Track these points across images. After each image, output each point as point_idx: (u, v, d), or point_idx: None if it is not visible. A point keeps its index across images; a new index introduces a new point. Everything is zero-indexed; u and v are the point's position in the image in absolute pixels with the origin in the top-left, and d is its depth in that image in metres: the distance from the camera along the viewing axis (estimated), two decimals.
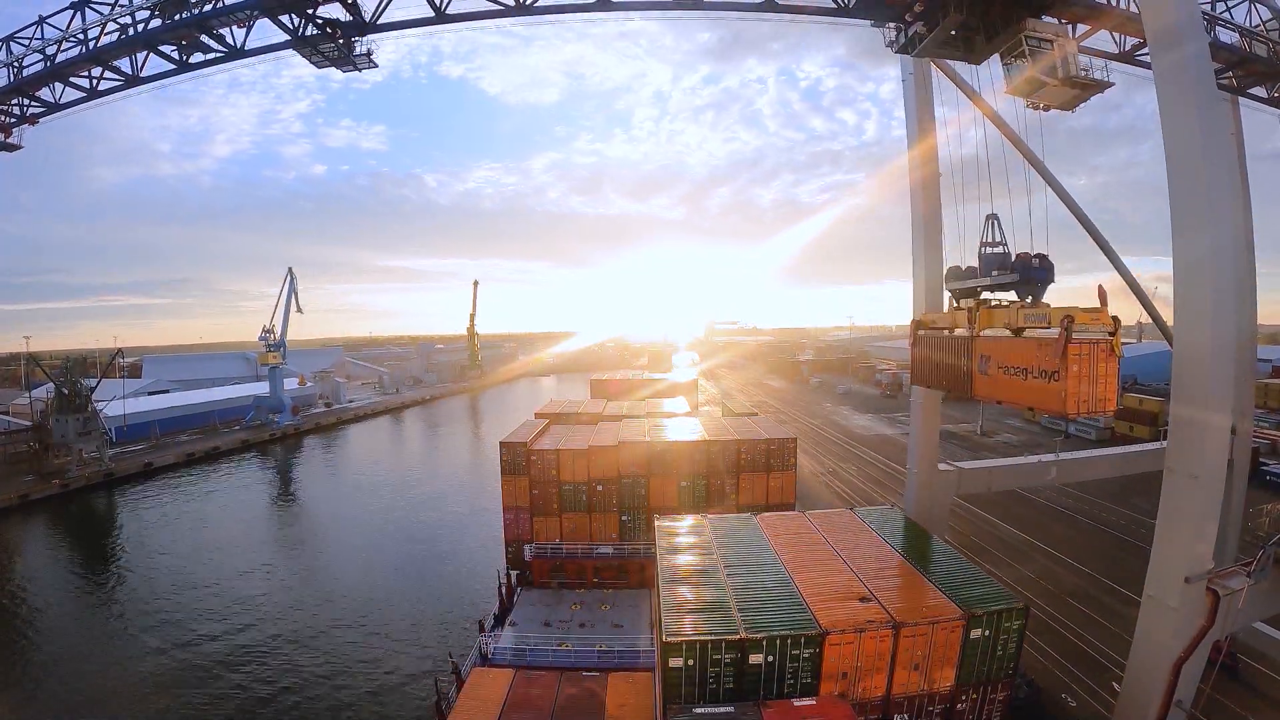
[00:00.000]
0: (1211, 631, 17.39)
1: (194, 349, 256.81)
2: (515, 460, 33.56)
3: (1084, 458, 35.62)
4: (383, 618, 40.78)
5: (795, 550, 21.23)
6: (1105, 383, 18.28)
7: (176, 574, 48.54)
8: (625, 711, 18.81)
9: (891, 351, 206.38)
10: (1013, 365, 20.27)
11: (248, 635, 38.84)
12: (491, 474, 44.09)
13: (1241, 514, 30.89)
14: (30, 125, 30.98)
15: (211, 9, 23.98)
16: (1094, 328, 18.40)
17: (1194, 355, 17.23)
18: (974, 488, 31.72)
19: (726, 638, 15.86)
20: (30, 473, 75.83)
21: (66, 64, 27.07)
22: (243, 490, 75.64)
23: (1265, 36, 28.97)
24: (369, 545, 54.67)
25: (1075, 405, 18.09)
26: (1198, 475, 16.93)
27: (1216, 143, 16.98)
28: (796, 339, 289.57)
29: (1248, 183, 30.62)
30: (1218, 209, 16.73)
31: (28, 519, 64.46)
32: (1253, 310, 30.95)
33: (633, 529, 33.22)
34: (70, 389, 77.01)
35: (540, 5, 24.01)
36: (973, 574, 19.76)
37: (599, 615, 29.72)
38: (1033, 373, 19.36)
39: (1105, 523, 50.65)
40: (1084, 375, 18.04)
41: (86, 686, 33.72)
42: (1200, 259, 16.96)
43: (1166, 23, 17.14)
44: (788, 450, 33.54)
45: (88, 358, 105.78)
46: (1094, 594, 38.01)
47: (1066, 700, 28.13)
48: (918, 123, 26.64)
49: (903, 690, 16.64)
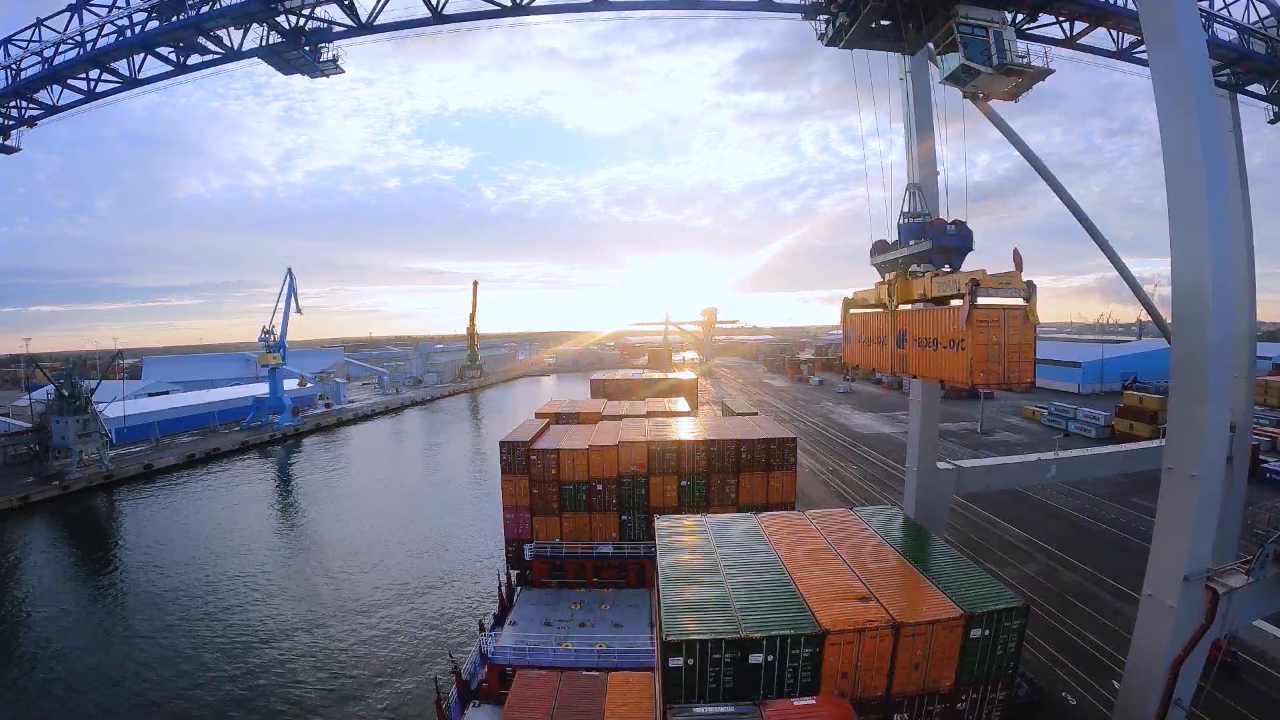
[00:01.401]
0: (1211, 630, 17.36)
1: (198, 349, 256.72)
2: (515, 460, 33.58)
3: (1084, 456, 35.55)
4: (382, 617, 40.81)
5: (795, 550, 21.21)
6: (1019, 351, 17.17)
7: (176, 575, 48.51)
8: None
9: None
10: (927, 337, 19.37)
11: (247, 634, 38.86)
12: (491, 473, 44.07)
13: (1241, 512, 30.90)
14: (29, 127, 30.92)
15: (209, 11, 23.99)
16: (1005, 292, 17.34)
17: (1193, 353, 17.19)
18: (973, 486, 31.67)
19: (726, 637, 15.84)
20: (30, 474, 75.87)
21: (64, 66, 27.04)
22: (242, 491, 75.60)
23: (1263, 33, 28.96)
24: (368, 545, 54.69)
25: (982, 376, 17.24)
26: (1197, 473, 16.89)
27: (1215, 140, 16.94)
28: (797, 338, 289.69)
29: (1246, 179, 30.61)
30: (1216, 206, 16.70)
31: (27, 521, 64.44)
32: (1251, 307, 30.91)
33: (633, 528, 33.23)
34: (70, 391, 77.03)
35: (537, 5, 24.00)
36: (973, 573, 19.73)
37: (599, 615, 29.73)
38: (943, 343, 18.46)
39: (1105, 521, 50.67)
40: (992, 343, 17.05)
41: (86, 687, 33.75)
42: (1199, 256, 16.92)
43: (1164, 20, 17.13)
44: (788, 449, 33.56)
45: (88, 359, 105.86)
46: (1094, 593, 38.04)
47: (1066, 699, 28.14)
48: (915, 122, 26.61)
49: (903, 690, 16.63)
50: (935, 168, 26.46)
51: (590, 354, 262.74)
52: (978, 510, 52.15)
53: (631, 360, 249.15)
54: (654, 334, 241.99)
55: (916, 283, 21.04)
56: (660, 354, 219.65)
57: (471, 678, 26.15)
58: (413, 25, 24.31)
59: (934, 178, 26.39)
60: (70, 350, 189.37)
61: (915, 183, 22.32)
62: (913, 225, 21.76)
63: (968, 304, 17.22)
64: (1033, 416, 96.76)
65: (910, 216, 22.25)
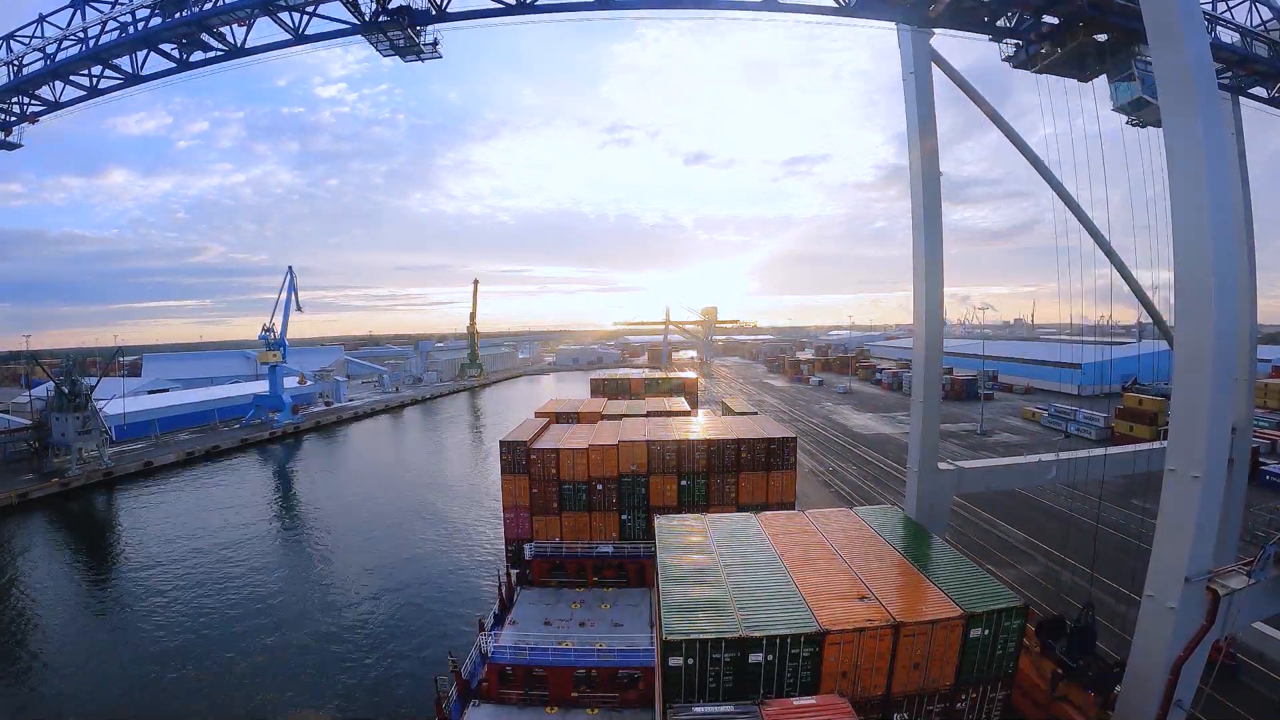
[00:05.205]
0: (1211, 631, 17.37)
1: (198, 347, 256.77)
2: (515, 459, 33.58)
3: (1084, 457, 35.47)
4: (384, 618, 40.82)
5: (795, 549, 21.22)
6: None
7: (176, 574, 48.53)
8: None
9: (892, 350, 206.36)
10: None
11: (248, 634, 38.87)
12: (491, 472, 44.04)
13: (1241, 514, 30.89)
14: (30, 124, 30.91)
15: (212, 7, 23.94)
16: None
17: (1194, 355, 17.18)
18: (974, 487, 31.67)
19: (726, 637, 15.85)
20: (30, 471, 75.87)
21: (67, 62, 27.00)
22: (242, 489, 75.65)
23: (1266, 36, 28.94)
24: (369, 545, 54.68)
25: None
26: (1198, 475, 16.89)
27: (1217, 142, 16.94)
28: (797, 338, 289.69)
29: (1248, 182, 30.59)
30: (1218, 208, 16.70)
31: (27, 518, 64.45)
32: (1253, 310, 30.90)
33: (632, 528, 33.24)
34: (70, 387, 77.02)
35: (540, 4, 23.94)
36: (973, 573, 19.75)
37: (599, 614, 29.74)
38: None
39: (1105, 522, 50.60)
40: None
41: (86, 685, 33.75)
42: (1201, 258, 16.92)
43: (1168, 22, 17.12)
44: (788, 449, 33.58)
45: (88, 356, 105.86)
46: (1094, 593, 37.97)
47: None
48: (919, 122, 26.58)
49: (902, 689, 16.65)
50: (938, 169, 26.47)
51: (590, 353, 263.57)
52: (978, 511, 52.16)
53: (632, 360, 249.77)
54: (654, 333, 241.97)
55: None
56: (660, 353, 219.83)
57: (471, 677, 26.14)
58: (485, 15, 23.26)
59: (936, 178, 26.39)
60: (71, 347, 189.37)
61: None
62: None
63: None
64: (1033, 418, 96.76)
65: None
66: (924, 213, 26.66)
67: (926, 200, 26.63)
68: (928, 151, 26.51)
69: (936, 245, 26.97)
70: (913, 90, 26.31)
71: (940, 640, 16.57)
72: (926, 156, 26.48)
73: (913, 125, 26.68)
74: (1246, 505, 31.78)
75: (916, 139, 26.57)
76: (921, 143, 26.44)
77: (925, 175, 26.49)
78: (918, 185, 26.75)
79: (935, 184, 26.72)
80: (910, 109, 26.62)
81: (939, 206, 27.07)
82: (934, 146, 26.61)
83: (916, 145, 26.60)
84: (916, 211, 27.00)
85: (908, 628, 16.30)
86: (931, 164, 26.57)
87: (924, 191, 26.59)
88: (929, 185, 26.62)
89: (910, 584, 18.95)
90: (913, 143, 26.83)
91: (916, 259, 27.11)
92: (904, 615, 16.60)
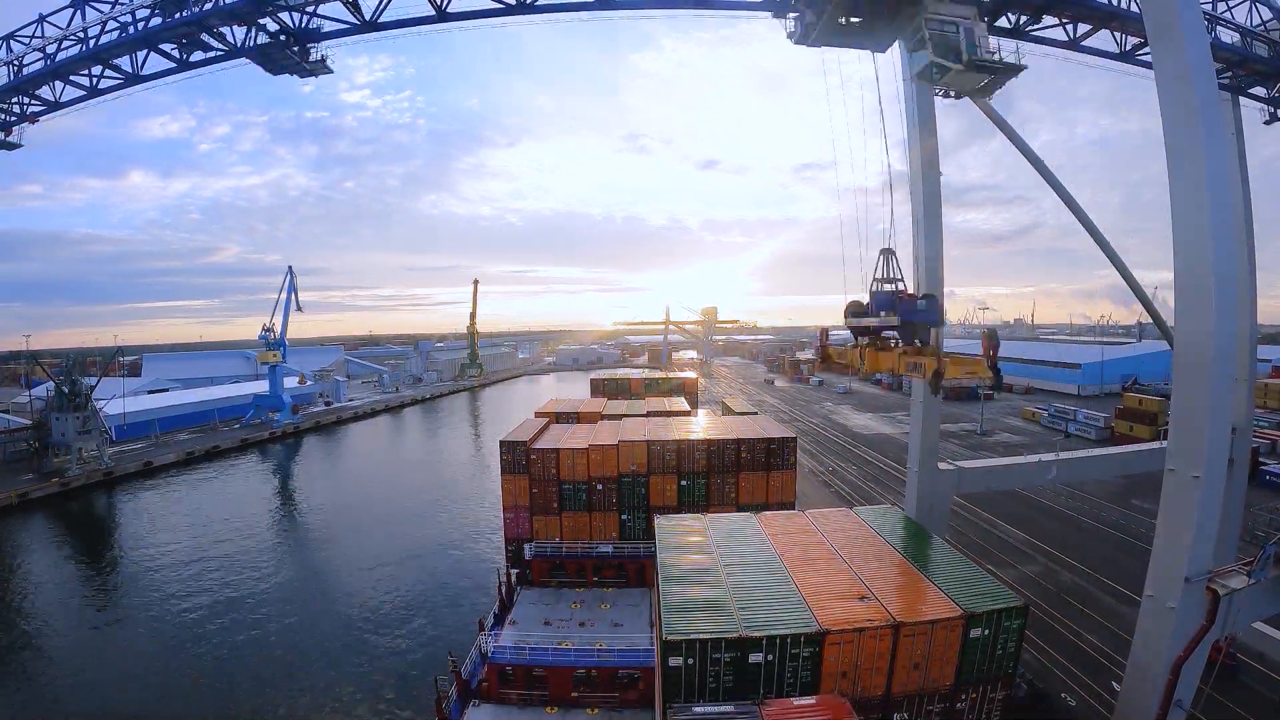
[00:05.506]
0: (1211, 631, 17.38)
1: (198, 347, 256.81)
2: (515, 459, 33.55)
3: (1084, 457, 35.49)
4: (384, 619, 40.82)
5: (795, 549, 21.21)
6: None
7: (176, 574, 48.53)
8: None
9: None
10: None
11: (247, 634, 38.87)
12: (490, 470, 44.04)
13: (1241, 514, 30.89)
14: (30, 124, 30.93)
15: (212, 7, 23.97)
16: (970, 381, 17.98)
17: (1194, 355, 17.19)
18: (974, 487, 31.69)
19: (726, 637, 15.84)
20: (30, 471, 75.86)
21: (67, 62, 27.03)
22: (242, 489, 75.66)
23: (1266, 36, 28.96)
24: (369, 545, 54.67)
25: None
26: (1198, 475, 16.90)
27: (1218, 141, 16.94)
28: (797, 338, 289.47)
29: (1248, 182, 30.60)
30: (1218, 208, 16.70)
31: (27, 518, 64.45)
32: (1253, 310, 30.91)
33: (632, 528, 33.22)
34: (70, 387, 77.02)
35: (540, 4, 24.00)
36: (973, 573, 19.74)
37: (599, 614, 29.72)
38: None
39: (1105, 522, 50.68)
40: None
41: (86, 683, 33.76)
42: (1201, 259, 16.92)
43: (1168, 22, 17.12)
44: (788, 449, 33.54)
45: (88, 356, 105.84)
46: (1094, 594, 38.04)
47: (1066, 700, 28.15)
48: (919, 124, 26.57)
49: (902, 689, 16.63)
50: (939, 167, 26.47)
51: (590, 353, 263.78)
52: (978, 511, 52.17)
53: (632, 359, 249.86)
54: (653, 333, 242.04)
55: (885, 356, 21.57)
56: (660, 353, 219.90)
57: (471, 677, 26.12)
58: (416, 23, 24.30)
59: (937, 176, 26.37)
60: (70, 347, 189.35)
61: (889, 248, 22.16)
62: (883, 296, 21.90)
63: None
64: (1033, 418, 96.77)
65: (882, 283, 22.13)
66: (924, 211, 26.68)
67: (927, 200, 26.65)
68: (929, 151, 26.53)
69: (937, 245, 27.00)
70: (913, 91, 26.32)
71: (940, 640, 16.55)
72: (928, 156, 26.51)
73: (913, 125, 26.71)
74: (1246, 505, 31.80)
75: (917, 138, 26.59)
76: (922, 142, 26.47)
77: (925, 175, 26.52)
78: (918, 185, 26.78)
79: (935, 184, 26.75)
80: (910, 108, 26.64)
81: (939, 206, 27.11)
82: (934, 146, 26.62)
83: (917, 145, 26.63)
84: (917, 210, 27.02)
85: (908, 628, 16.28)
86: (931, 164, 26.59)
87: (924, 191, 26.62)
88: (929, 185, 26.65)
89: (910, 584, 18.94)
90: (913, 142, 26.86)
91: (917, 259, 27.13)
92: (904, 615, 16.58)
